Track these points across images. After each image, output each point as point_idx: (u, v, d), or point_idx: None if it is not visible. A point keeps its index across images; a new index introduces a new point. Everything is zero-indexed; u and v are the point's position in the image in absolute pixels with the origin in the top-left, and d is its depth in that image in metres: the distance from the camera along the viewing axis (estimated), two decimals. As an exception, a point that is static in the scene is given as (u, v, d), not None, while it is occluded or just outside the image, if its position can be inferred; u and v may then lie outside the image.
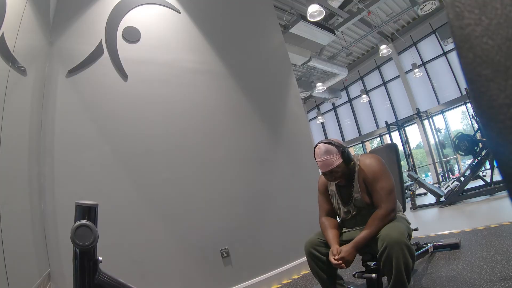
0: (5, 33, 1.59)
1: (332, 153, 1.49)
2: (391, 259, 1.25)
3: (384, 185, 1.46)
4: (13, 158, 1.71)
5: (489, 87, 0.22)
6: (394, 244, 1.25)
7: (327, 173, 1.52)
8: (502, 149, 0.23)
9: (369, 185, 1.50)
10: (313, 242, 1.56)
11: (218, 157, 2.59)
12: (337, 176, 1.52)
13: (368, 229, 1.40)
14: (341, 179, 1.55)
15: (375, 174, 1.48)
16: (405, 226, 1.40)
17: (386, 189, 1.46)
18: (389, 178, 1.50)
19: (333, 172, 1.50)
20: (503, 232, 2.38)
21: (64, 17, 2.36)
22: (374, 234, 1.38)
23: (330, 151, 1.49)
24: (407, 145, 8.87)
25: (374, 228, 1.39)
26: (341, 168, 1.50)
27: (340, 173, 1.51)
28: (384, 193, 1.45)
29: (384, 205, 1.42)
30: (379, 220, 1.40)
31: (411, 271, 1.31)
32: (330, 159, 1.48)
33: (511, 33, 0.21)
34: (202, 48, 2.83)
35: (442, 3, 4.79)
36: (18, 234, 1.67)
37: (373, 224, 1.40)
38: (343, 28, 7.31)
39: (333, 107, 12.22)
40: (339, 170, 1.50)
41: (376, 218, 1.41)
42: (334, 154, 1.49)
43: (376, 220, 1.40)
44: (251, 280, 2.41)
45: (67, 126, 2.20)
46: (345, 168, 1.52)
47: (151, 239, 2.21)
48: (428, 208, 4.83)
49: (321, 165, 1.51)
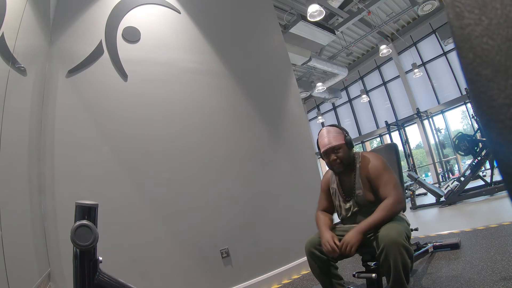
0: (5, 33, 1.59)
1: (336, 133, 1.53)
2: (389, 260, 1.25)
3: (391, 179, 1.45)
4: (13, 158, 1.71)
5: (489, 87, 0.22)
6: (392, 244, 1.25)
7: (329, 151, 1.51)
8: (502, 149, 0.23)
9: (373, 181, 1.48)
10: (313, 242, 1.56)
11: (218, 157, 2.59)
12: (339, 156, 1.50)
13: (374, 216, 1.36)
14: (341, 164, 1.52)
15: (378, 170, 1.47)
16: (404, 227, 1.38)
17: (393, 182, 1.44)
18: (393, 174, 1.49)
19: (335, 150, 1.50)
20: (503, 232, 2.38)
21: (64, 17, 2.36)
22: (380, 221, 1.34)
23: (335, 131, 1.54)
24: (407, 145, 8.87)
25: (381, 216, 1.35)
26: (344, 150, 1.51)
27: (341, 154, 1.50)
28: (392, 185, 1.43)
29: (393, 195, 1.40)
30: (387, 209, 1.36)
31: (410, 271, 1.30)
32: (335, 137, 1.51)
33: (511, 33, 0.21)
34: (202, 48, 2.83)
35: (442, 3, 4.79)
36: (18, 234, 1.67)
37: (380, 212, 1.37)
38: (343, 28, 7.31)
39: (333, 107, 12.22)
40: (341, 151, 1.50)
41: (384, 206, 1.38)
42: (339, 134, 1.53)
43: (384, 209, 1.37)
44: (251, 280, 2.41)
45: (67, 126, 2.20)
46: (347, 152, 1.52)
47: (151, 239, 2.21)
48: (428, 208, 4.83)
49: (325, 142, 1.51)
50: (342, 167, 1.53)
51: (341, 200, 1.61)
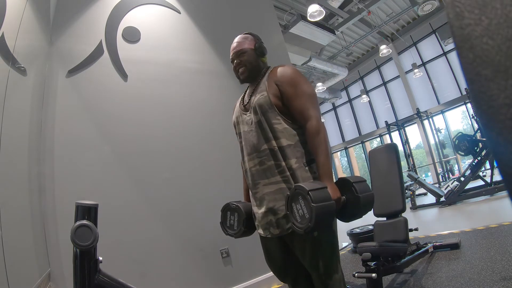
0: (5, 33, 1.59)
1: (244, 39, 1.35)
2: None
3: (306, 89, 1.18)
4: (13, 158, 1.71)
5: (489, 87, 0.22)
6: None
7: (234, 57, 1.33)
8: (502, 149, 0.23)
9: (284, 87, 1.19)
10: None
11: (218, 156, 2.59)
12: (243, 60, 1.29)
13: (317, 155, 1.11)
14: (245, 69, 1.29)
15: (292, 76, 1.20)
16: (331, 244, 1.16)
17: (309, 92, 1.18)
18: (310, 84, 1.23)
19: (240, 54, 1.30)
20: (503, 232, 2.38)
21: (64, 17, 2.36)
22: (326, 153, 1.11)
23: (243, 37, 1.36)
24: (407, 145, 8.86)
25: (319, 148, 1.11)
26: (249, 55, 1.29)
27: (246, 58, 1.29)
28: (307, 97, 1.17)
29: (312, 113, 1.14)
30: (317, 137, 1.12)
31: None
32: (242, 42, 1.33)
33: (511, 33, 0.21)
34: (202, 48, 2.83)
35: (442, 3, 4.79)
36: (18, 234, 1.67)
37: (315, 145, 1.12)
38: (343, 28, 7.31)
39: (333, 107, 12.22)
40: (246, 55, 1.29)
41: (315, 135, 1.12)
42: (248, 40, 1.34)
43: (314, 139, 1.12)
44: (251, 280, 2.41)
45: (67, 126, 2.20)
46: (254, 58, 1.30)
47: (151, 239, 2.21)
48: (428, 208, 4.83)
49: (232, 48, 1.35)
50: (246, 72, 1.29)
51: (241, 114, 1.31)
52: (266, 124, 1.18)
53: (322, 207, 0.94)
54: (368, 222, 3.19)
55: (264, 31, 3.41)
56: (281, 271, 1.30)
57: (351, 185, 1.06)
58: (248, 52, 1.30)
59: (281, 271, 1.30)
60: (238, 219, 1.34)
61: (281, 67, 1.25)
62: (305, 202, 0.97)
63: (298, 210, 1.00)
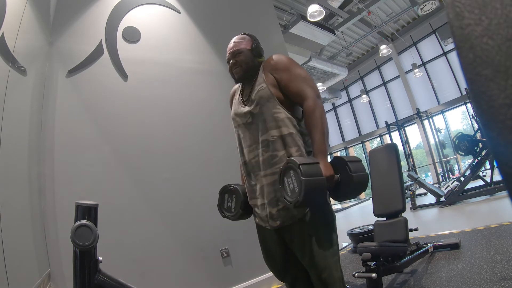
0: (5, 33, 1.59)
1: (243, 39, 1.37)
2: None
3: (300, 71, 1.21)
4: (13, 158, 1.71)
5: (489, 87, 0.22)
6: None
7: (230, 57, 1.34)
8: (502, 149, 0.23)
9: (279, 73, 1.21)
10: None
11: (218, 156, 2.59)
12: (238, 60, 1.30)
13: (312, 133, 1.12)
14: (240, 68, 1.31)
15: (285, 62, 1.23)
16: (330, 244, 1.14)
17: (303, 75, 1.20)
18: (303, 68, 1.26)
19: (236, 55, 1.31)
20: (503, 232, 2.38)
21: (64, 17, 2.36)
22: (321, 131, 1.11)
23: (240, 37, 1.38)
24: (407, 145, 8.87)
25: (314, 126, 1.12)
26: (245, 55, 1.31)
27: (242, 58, 1.30)
28: (302, 79, 1.18)
29: (308, 93, 1.15)
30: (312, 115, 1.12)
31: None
32: (239, 42, 1.35)
33: (511, 33, 0.21)
34: (202, 48, 2.83)
35: (442, 3, 4.79)
36: (18, 234, 1.67)
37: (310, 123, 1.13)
38: (343, 28, 7.32)
39: (333, 107, 12.23)
40: (242, 55, 1.30)
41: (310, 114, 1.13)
42: (245, 40, 1.36)
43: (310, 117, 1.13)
44: (251, 280, 2.41)
45: (67, 126, 2.20)
46: (249, 57, 1.31)
47: (151, 239, 2.21)
48: (428, 208, 4.84)
49: (228, 48, 1.36)
50: (241, 71, 1.31)
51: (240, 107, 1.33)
52: (267, 114, 1.19)
53: (312, 182, 0.93)
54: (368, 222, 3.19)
55: (264, 31, 3.41)
56: (280, 270, 1.30)
57: (346, 164, 1.05)
58: (244, 53, 1.32)
59: (280, 270, 1.29)
60: (235, 201, 1.33)
61: (273, 56, 1.27)
62: (295, 175, 0.96)
63: (289, 184, 1.00)
